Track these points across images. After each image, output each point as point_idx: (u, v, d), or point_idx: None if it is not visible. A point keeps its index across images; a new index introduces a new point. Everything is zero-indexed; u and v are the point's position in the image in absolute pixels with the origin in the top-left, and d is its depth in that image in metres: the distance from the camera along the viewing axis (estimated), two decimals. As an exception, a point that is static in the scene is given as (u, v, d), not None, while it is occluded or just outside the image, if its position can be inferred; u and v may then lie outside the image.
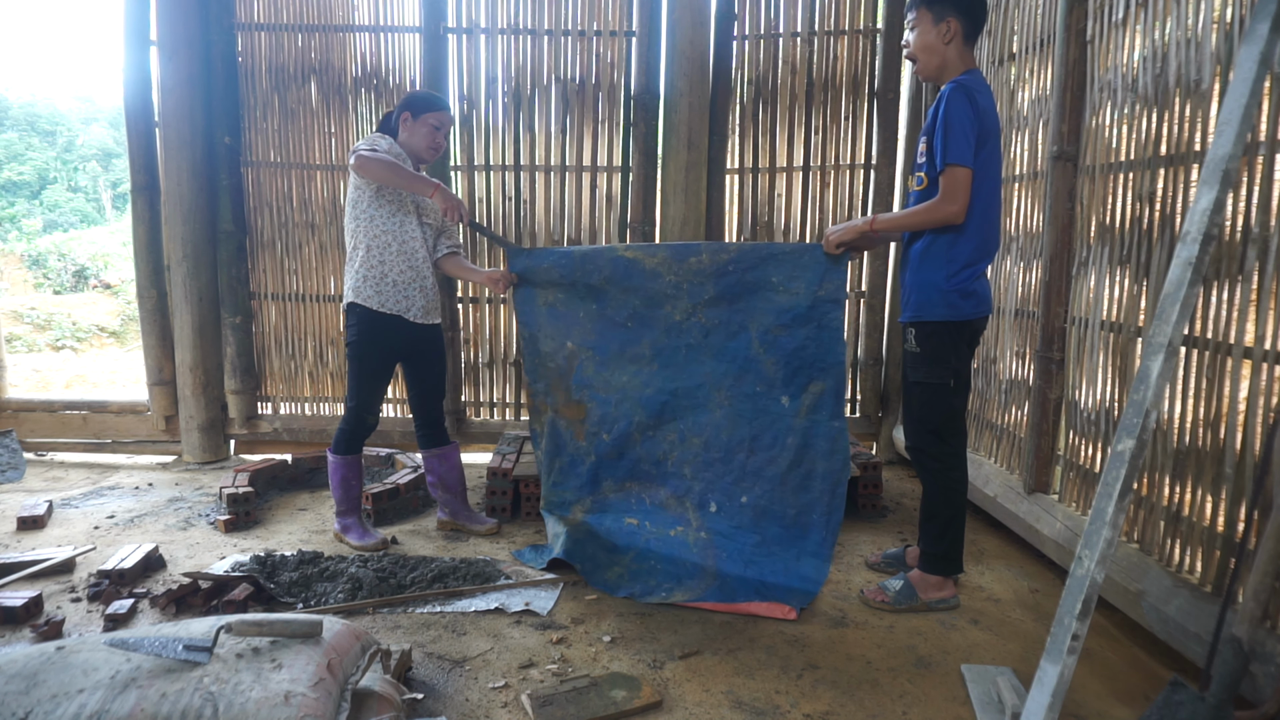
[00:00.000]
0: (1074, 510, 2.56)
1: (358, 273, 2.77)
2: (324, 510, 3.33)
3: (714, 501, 2.67)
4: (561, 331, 2.82)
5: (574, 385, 2.82)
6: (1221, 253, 1.94)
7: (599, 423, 2.79)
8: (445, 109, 2.86)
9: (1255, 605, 1.52)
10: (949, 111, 2.16)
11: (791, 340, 2.51)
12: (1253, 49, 1.57)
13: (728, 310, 2.60)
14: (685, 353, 2.67)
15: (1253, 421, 1.83)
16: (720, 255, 2.57)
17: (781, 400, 2.55)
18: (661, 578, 2.53)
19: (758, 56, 3.97)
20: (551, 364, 2.84)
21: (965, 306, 2.28)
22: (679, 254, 2.63)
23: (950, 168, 2.17)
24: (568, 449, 2.85)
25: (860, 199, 4.01)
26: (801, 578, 2.45)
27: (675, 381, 2.68)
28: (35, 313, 10.22)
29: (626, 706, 1.82)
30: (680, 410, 2.68)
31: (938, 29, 2.28)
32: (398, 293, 2.79)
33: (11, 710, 1.31)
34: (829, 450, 2.48)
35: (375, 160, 2.62)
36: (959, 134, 2.15)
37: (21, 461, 3.90)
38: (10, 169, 21.36)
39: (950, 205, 2.19)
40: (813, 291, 2.47)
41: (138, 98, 3.91)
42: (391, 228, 2.77)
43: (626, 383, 2.75)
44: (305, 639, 1.53)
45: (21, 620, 2.26)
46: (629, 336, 2.74)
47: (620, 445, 2.77)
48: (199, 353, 4.01)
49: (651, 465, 2.75)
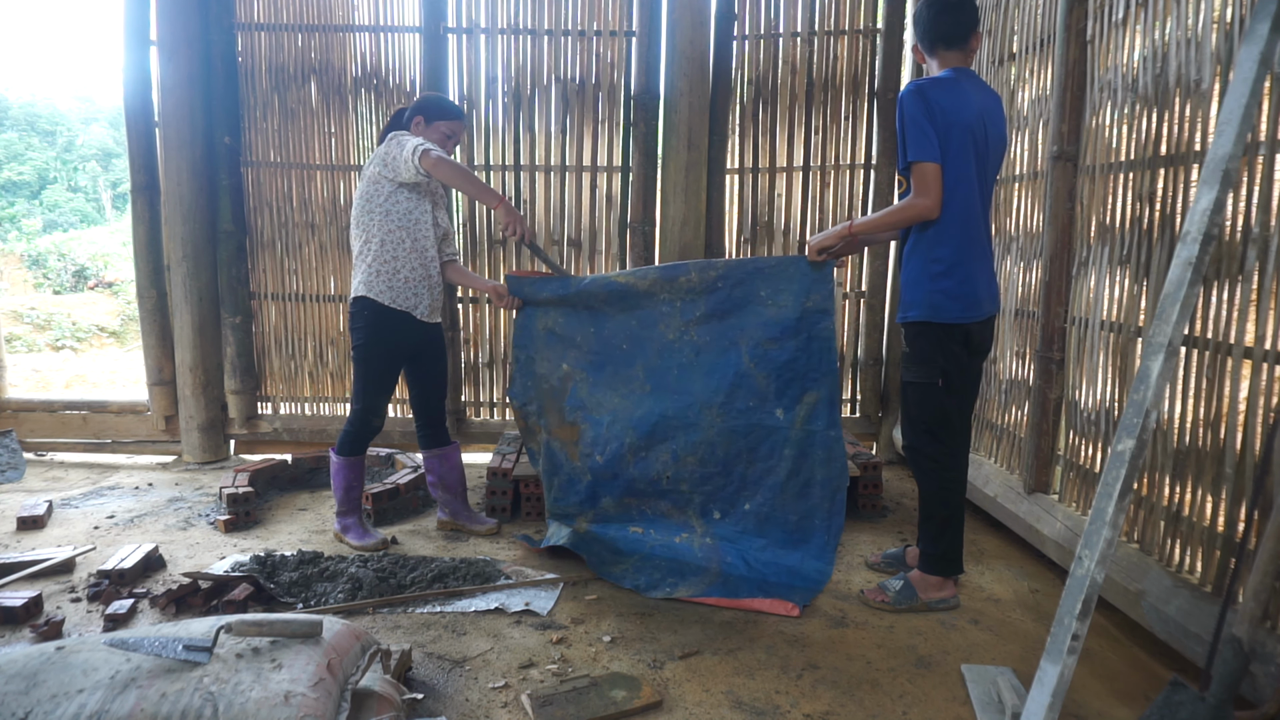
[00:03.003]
0: (1074, 510, 2.56)
1: (370, 267, 2.74)
2: (324, 510, 3.33)
3: (717, 509, 2.68)
4: (559, 354, 2.84)
5: (567, 407, 2.84)
6: (1221, 253, 1.94)
7: (591, 444, 2.80)
8: (460, 118, 2.85)
9: (1255, 605, 1.52)
10: (902, 113, 2.21)
11: (782, 353, 2.53)
12: (1253, 49, 1.57)
13: (719, 326, 2.62)
14: (676, 373, 2.69)
15: (1253, 421, 1.83)
16: (709, 273, 2.60)
17: (776, 413, 2.56)
18: (666, 573, 2.56)
19: (758, 56, 3.97)
20: (546, 385, 2.85)
21: (952, 310, 2.26)
22: (669, 274, 2.66)
23: (916, 165, 2.20)
24: (564, 468, 2.86)
25: (860, 199, 4.01)
26: (804, 577, 2.48)
27: (666, 403, 2.70)
28: (35, 313, 10.22)
29: (626, 706, 1.82)
30: (671, 431, 2.69)
31: (915, 54, 2.43)
32: (408, 289, 2.78)
33: (11, 710, 1.31)
34: (826, 459, 2.50)
35: (449, 162, 2.60)
36: (914, 131, 2.18)
37: (21, 461, 3.90)
38: (10, 169, 21.36)
39: (922, 199, 2.20)
40: (800, 303, 2.49)
41: (138, 98, 3.91)
42: (406, 224, 2.75)
43: (619, 404, 2.77)
44: (305, 639, 1.53)
45: (21, 620, 2.26)
46: (623, 358, 2.76)
47: (614, 466, 2.78)
48: (199, 353, 4.01)
49: (647, 484, 2.76)
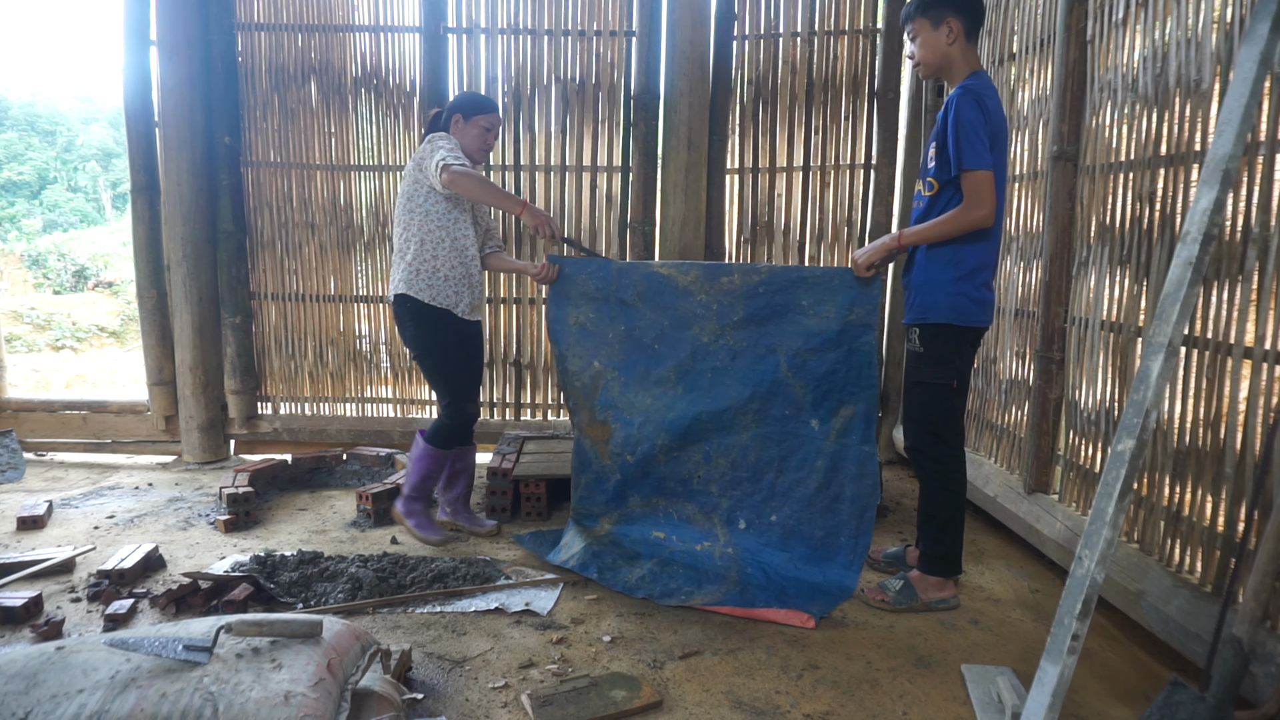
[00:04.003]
0: (1074, 510, 2.55)
1: (410, 266, 2.76)
2: (324, 510, 3.34)
3: (743, 519, 2.64)
4: (589, 351, 2.81)
5: (599, 405, 2.82)
6: (1221, 253, 1.94)
7: (623, 444, 2.78)
8: (496, 111, 2.88)
9: (1255, 605, 1.52)
10: (959, 117, 2.15)
11: (821, 364, 2.48)
12: (1253, 49, 1.57)
13: (756, 333, 2.57)
14: (711, 375, 2.65)
15: (1253, 421, 1.83)
16: (752, 276, 2.55)
17: (811, 423, 2.52)
18: (682, 581, 2.52)
19: (758, 56, 3.97)
20: (578, 383, 2.84)
21: (975, 313, 2.28)
22: (711, 273, 2.61)
23: (969, 173, 2.16)
24: (593, 466, 2.85)
25: (860, 199, 4.01)
26: (824, 592, 2.42)
27: (699, 405, 2.66)
28: (35, 313, 10.23)
29: (626, 706, 1.82)
30: (705, 432, 2.66)
31: (939, 32, 2.29)
32: (449, 287, 2.79)
33: (11, 710, 1.31)
34: (858, 474, 2.45)
35: (468, 176, 2.61)
36: (972, 138, 2.14)
37: (21, 461, 3.90)
38: (10, 169, 21.36)
39: (978, 210, 2.17)
40: (844, 316, 2.43)
41: (138, 98, 3.91)
42: (446, 224, 2.77)
43: (650, 405, 2.74)
44: (305, 639, 1.53)
45: (21, 620, 2.26)
46: (655, 358, 2.73)
47: (645, 465, 2.76)
48: (199, 353, 4.01)
49: (677, 484, 2.74)
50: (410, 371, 4.23)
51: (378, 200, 4.12)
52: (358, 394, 4.26)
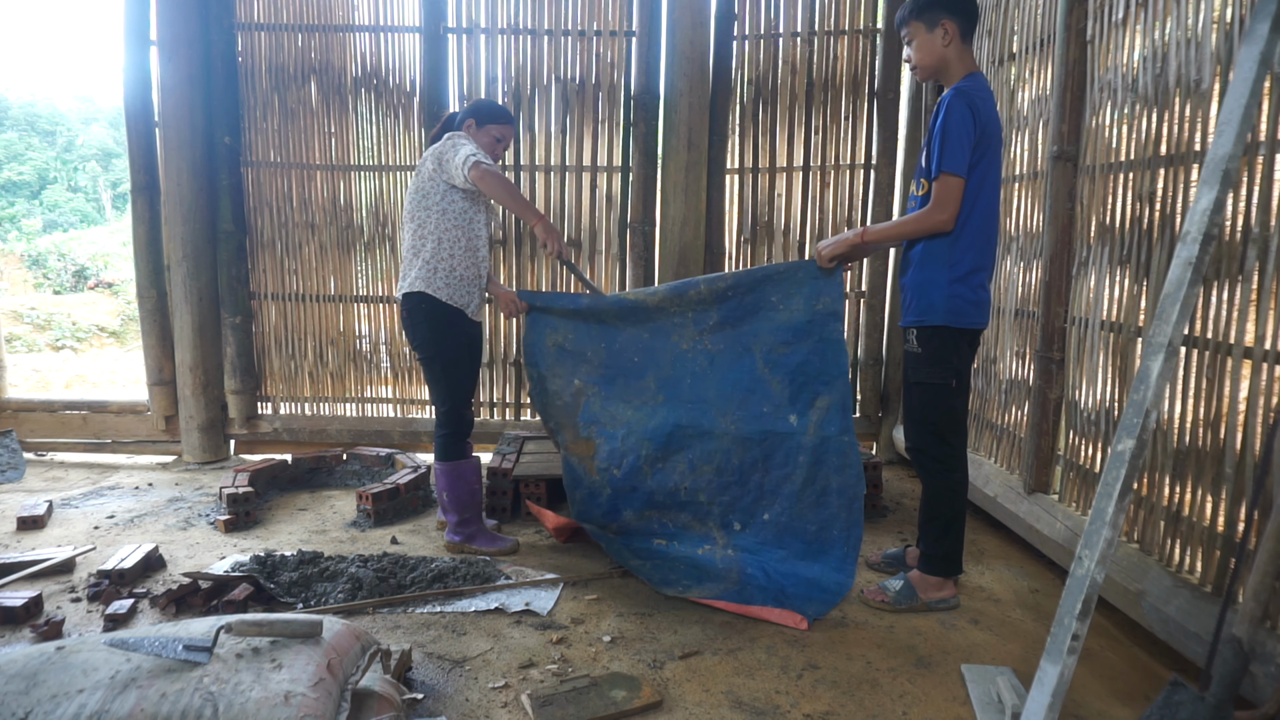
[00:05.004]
0: (1074, 510, 2.55)
1: (427, 264, 2.72)
2: (324, 510, 3.34)
3: (737, 521, 2.68)
4: (570, 370, 2.84)
5: (581, 422, 2.84)
6: (1221, 253, 1.94)
7: (608, 457, 2.81)
8: (511, 122, 2.86)
9: (1255, 605, 1.52)
10: (948, 119, 2.16)
11: (794, 356, 2.53)
12: (1253, 49, 1.57)
13: (732, 333, 2.63)
14: (690, 382, 2.70)
15: (1253, 421, 1.83)
16: (718, 284, 2.61)
17: (790, 419, 2.56)
18: (683, 575, 2.56)
19: (758, 56, 3.97)
20: (559, 402, 2.86)
21: (971, 314, 2.28)
22: (679, 290, 2.67)
23: (944, 176, 2.17)
24: (584, 482, 2.87)
25: (860, 199, 4.01)
26: (823, 589, 2.44)
27: (679, 412, 2.71)
28: (35, 313, 10.23)
29: (626, 706, 1.82)
30: (687, 440, 2.71)
31: (934, 35, 2.28)
32: (464, 287, 2.77)
33: (11, 710, 1.31)
34: (840, 465, 2.48)
35: (496, 175, 2.60)
36: (955, 143, 2.15)
37: (21, 461, 3.91)
38: (10, 169, 21.36)
39: (939, 214, 2.20)
40: (810, 306, 2.49)
41: (138, 98, 3.91)
42: (462, 223, 2.75)
43: (632, 416, 2.78)
44: (305, 639, 1.53)
45: (21, 620, 2.26)
46: (635, 370, 2.77)
47: (632, 479, 2.79)
48: (199, 353, 4.01)
49: (666, 495, 2.77)
50: (410, 371, 4.23)
51: (378, 200, 4.12)
52: (358, 394, 4.26)
